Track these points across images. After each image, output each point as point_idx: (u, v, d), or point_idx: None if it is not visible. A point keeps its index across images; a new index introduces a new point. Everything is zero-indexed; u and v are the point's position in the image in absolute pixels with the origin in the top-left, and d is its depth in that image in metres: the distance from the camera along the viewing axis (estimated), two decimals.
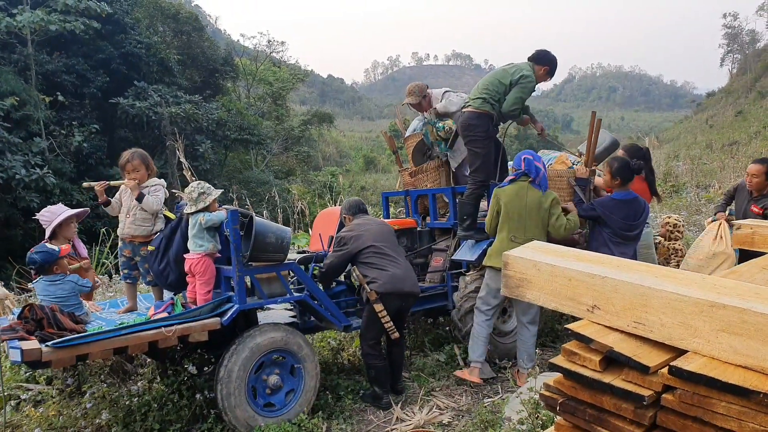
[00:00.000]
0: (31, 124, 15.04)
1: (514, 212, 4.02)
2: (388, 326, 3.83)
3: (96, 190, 3.66)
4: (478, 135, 4.49)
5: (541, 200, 4.00)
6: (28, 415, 3.77)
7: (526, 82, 4.46)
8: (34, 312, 3.00)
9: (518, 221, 4.01)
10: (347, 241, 3.92)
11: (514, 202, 4.02)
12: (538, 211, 4.00)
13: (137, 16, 19.89)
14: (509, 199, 4.04)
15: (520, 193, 4.03)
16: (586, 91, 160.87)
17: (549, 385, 1.73)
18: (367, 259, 3.86)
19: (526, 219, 4.00)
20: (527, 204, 4.01)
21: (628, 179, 4.12)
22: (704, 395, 1.37)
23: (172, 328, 3.11)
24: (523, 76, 4.46)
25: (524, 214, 4.00)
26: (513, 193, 4.05)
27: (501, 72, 4.59)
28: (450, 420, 3.69)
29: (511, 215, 4.03)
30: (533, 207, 4.00)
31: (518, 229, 4.01)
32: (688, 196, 12.58)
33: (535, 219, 4.00)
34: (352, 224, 4.09)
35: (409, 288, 3.90)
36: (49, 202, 13.76)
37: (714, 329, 1.42)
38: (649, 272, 1.69)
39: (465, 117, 4.57)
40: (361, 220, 4.11)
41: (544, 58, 4.57)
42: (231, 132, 21.14)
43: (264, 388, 3.51)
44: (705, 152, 19.56)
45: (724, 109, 41.75)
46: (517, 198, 4.02)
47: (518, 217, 4.01)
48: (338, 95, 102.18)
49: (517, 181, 4.07)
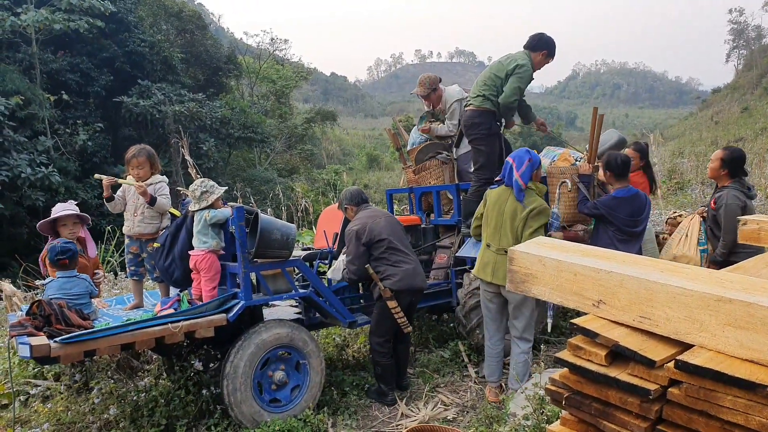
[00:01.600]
0: (36, 123, 15.10)
1: (491, 218, 3.76)
2: (402, 322, 3.83)
3: (104, 183, 3.69)
4: (482, 133, 4.49)
5: (517, 209, 3.66)
6: (37, 411, 3.81)
7: (522, 72, 4.39)
8: (43, 308, 3.02)
9: (494, 228, 3.73)
10: (360, 235, 3.81)
11: (495, 207, 3.76)
12: (513, 221, 3.65)
13: (141, 14, 19.93)
14: (492, 203, 3.78)
15: (502, 198, 3.74)
16: (590, 88, 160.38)
17: (554, 379, 1.73)
18: (381, 254, 3.81)
19: (501, 227, 3.69)
20: (504, 211, 3.70)
21: (620, 174, 4.08)
22: (710, 389, 1.37)
23: (178, 325, 3.13)
24: (518, 65, 4.39)
25: (500, 222, 3.70)
26: (497, 196, 3.77)
27: (497, 65, 4.58)
28: (455, 416, 3.70)
29: (489, 221, 3.77)
30: (509, 215, 3.67)
31: (493, 237, 3.73)
32: (693, 193, 12.53)
33: (509, 228, 3.65)
34: (359, 217, 3.97)
35: (420, 283, 3.91)
36: (55, 200, 13.82)
37: (720, 323, 1.42)
38: (655, 267, 1.69)
39: (467, 116, 4.58)
40: (368, 211, 4.00)
41: (539, 42, 4.51)
42: (234, 130, 21.17)
43: (270, 384, 3.53)
44: (710, 149, 19.45)
45: (729, 106, 41.52)
46: (499, 203, 3.74)
47: (494, 223, 3.73)
48: (341, 93, 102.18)
49: (504, 185, 3.80)
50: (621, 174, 4.09)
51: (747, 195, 3.93)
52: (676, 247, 4.23)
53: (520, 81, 4.41)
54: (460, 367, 4.44)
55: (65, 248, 3.38)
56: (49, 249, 3.42)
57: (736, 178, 3.98)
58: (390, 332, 3.91)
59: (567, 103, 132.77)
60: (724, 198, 3.90)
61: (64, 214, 3.78)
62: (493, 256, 3.71)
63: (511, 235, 3.64)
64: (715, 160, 4.05)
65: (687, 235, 4.21)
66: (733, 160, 3.97)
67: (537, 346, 4.60)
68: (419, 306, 4.53)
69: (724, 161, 3.98)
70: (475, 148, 4.59)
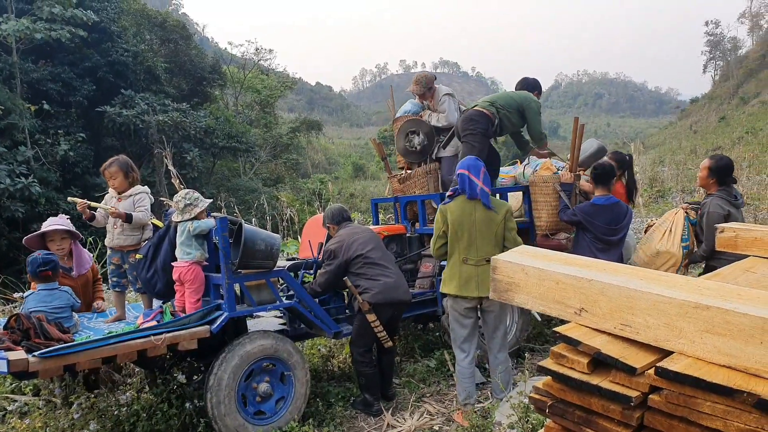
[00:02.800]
0: (16, 133, 14.86)
1: (463, 231, 3.64)
2: (381, 336, 3.83)
3: (78, 208, 3.63)
4: (478, 130, 4.62)
5: (491, 215, 3.64)
6: (14, 427, 3.70)
7: (535, 105, 4.90)
8: (21, 322, 2.96)
9: (468, 241, 3.63)
10: (337, 254, 3.86)
11: (462, 221, 3.64)
12: (490, 227, 3.63)
13: (124, 24, 19.80)
14: (456, 217, 3.65)
15: (467, 210, 3.65)
16: (573, 98, 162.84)
17: (538, 388, 1.75)
18: (359, 269, 3.83)
19: (477, 237, 3.63)
20: (475, 221, 3.63)
21: (602, 182, 4.16)
22: (690, 395, 1.39)
23: (161, 337, 3.08)
24: (529, 103, 4.85)
25: (473, 233, 3.63)
26: (459, 210, 3.67)
27: (508, 93, 5.07)
28: (440, 426, 3.69)
29: (459, 235, 3.64)
30: (483, 224, 3.63)
31: (469, 249, 3.63)
32: (674, 200, 12.75)
33: (488, 236, 3.63)
34: (339, 235, 4.01)
35: (401, 296, 3.90)
36: (35, 211, 13.60)
37: (698, 330, 1.45)
38: (635, 275, 1.72)
39: (468, 113, 4.74)
40: (348, 229, 4.04)
41: (528, 86, 5.13)
42: (219, 140, 21.06)
43: (254, 396, 3.49)
44: (690, 157, 19.85)
45: (707, 115, 42.49)
46: (465, 215, 3.64)
47: (468, 236, 3.63)
48: (326, 103, 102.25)
49: (461, 197, 3.70)
50: (601, 182, 4.16)
51: (732, 203, 3.92)
52: (659, 241, 4.20)
53: (538, 119, 4.90)
54: (445, 376, 4.44)
55: (47, 259, 3.33)
56: (30, 261, 3.36)
57: (723, 187, 3.99)
58: (371, 343, 3.92)
59: (550, 112, 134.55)
60: (707, 206, 3.92)
61: (51, 229, 3.74)
62: (473, 269, 3.63)
63: (491, 243, 3.63)
64: (703, 169, 4.06)
65: (671, 230, 4.17)
66: (719, 168, 3.99)
67: (522, 354, 4.63)
68: (405, 315, 4.52)
69: (711, 170, 4.00)
70: (466, 144, 4.67)
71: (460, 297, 3.68)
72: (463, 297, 3.66)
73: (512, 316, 4.70)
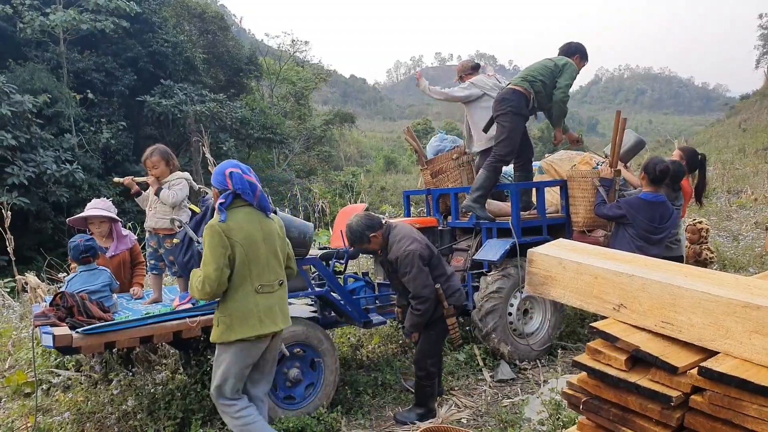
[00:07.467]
0: (62, 121, 15.46)
1: (254, 252, 2.72)
2: (457, 335, 3.70)
3: (125, 184, 3.78)
4: (509, 109, 4.53)
5: (274, 227, 2.85)
6: (58, 400, 3.89)
7: (571, 69, 4.58)
8: (65, 299, 3.09)
9: (265, 263, 2.75)
10: (424, 255, 3.48)
11: (250, 240, 2.71)
12: (275, 244, 2.82)
13: (165, 15, 20.28)
14: (243, 237, 2.69)
15: (253, 226, 2.74)
16: (613, 94, 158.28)
17: (572, 383, 1.71)
18: (435, 271, 3.58)
19: (270, 257, 2.78)
20: (266, 236, 2.78)
21: (653, 180, 4.04)
22: (735, 397, 1.34)
23: (196, 319, 3.16)
24: (567, 63, 4.60)
25: (265, 251, 2.76)
26: (246, 224, 2.73)
27: (544, 60, 4.74)
28: (468, 418, 3.67)
29: (251, 257, 2.70)
30: (273, 239, 2.81)
31: (265, 273, 2.75)
32: (719, 201, 12.27)
33: (275, 255, 2.82)
34: (398, 233, 3.59)
35: (464, 299, 3.81)
36: (78, 197, 14.15)
37: (747, 330, 1.39)
38: (679, 271, 1.66)
39: (502, 92, 4.68)
40: (399, 227, 3.68)
41: (570, 49, 4.78)
42: (254, 131, 21.41)
43: (284, 381, 3.54)
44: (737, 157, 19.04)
45: (758, 113, 40.56)
46: (252, 233, 2.72)
47: (264, 257, 2.75)
48: (360, 95, 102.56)
49: (239, 207, 2.75)
50: (654, 180, 4.05)
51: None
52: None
53: (570, 78, 4.58)
54: (474, 370, 4.41)
55: (87, 246, 3.48)
56: (72, 247, 3.51)
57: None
58: (441, 350, 3.84)
59: (589, 108, 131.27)
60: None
61: (91, 214, 3.95)
62: (272, 297, 2.78)
63: (279, 262, 2.85)
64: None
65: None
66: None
67: (554, 352, 4.55)
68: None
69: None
70: (499, 124, 4.62)
71: (262, 337, 2.74)
72: (266, 335, 2.76)
73: (545, 314, 4.63)
